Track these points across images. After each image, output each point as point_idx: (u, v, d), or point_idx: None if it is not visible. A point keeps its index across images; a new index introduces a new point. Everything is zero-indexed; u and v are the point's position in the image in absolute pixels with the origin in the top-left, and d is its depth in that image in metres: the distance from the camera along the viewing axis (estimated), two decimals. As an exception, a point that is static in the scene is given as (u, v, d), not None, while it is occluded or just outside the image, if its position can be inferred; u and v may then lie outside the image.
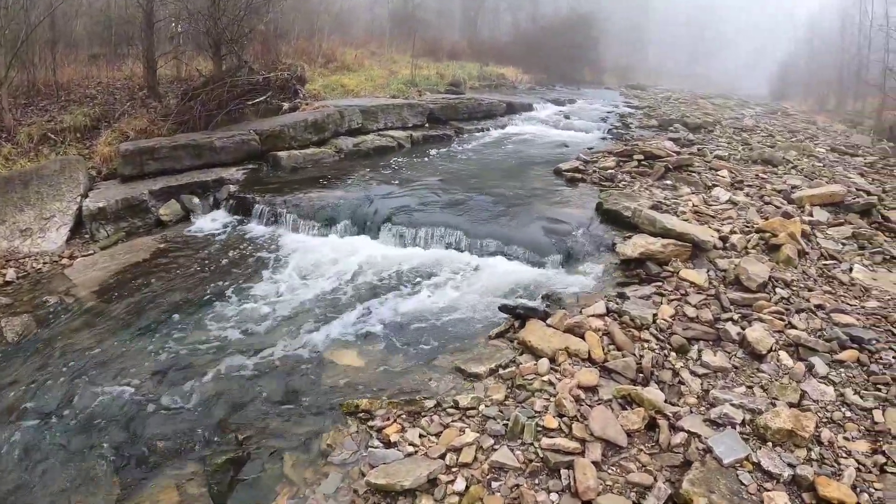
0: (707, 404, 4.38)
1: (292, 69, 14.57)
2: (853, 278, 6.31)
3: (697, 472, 3.66)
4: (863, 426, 4.17)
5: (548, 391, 4.54)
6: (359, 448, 4.23)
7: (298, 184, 9.82)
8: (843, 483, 3.60)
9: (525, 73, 30.78)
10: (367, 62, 21.86)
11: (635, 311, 5.46)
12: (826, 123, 20.90)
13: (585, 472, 3.67)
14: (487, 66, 28.23)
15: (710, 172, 10.12)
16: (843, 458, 3.85)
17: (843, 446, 3.96)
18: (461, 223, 7.91)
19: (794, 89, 36.21)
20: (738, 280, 5.96)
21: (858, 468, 3.77)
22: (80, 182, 9.04)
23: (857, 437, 4.06)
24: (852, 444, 3.97)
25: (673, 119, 17.32)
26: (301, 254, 7.64)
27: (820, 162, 11.75)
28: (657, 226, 6.92)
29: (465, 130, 15.52)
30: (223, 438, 4.50)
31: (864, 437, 4.08)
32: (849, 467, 3.75)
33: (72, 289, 6.94)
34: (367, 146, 12.64)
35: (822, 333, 5.18)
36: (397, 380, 5.04)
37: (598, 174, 10.16)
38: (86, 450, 4.44)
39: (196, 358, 5.47)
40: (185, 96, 11.70)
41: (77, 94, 12.42)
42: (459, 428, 4.25)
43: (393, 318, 6.11)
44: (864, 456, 3.88)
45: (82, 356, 5.57)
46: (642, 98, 26.93)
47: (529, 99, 21.43)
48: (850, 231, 7.50)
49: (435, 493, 3.71)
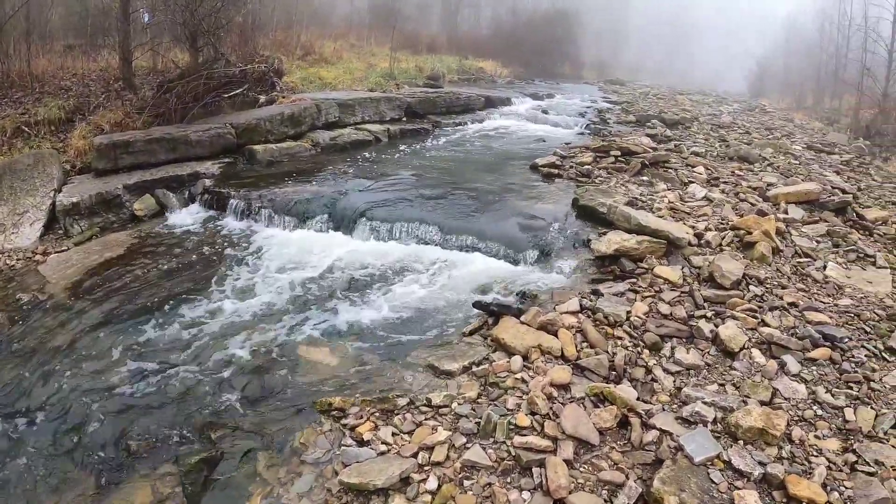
0: (679, 402, 4.40)
1: (270, 61, 14.48)
2: (827, 276, 6.37)
3: (668, 471, 3.67)
4: (834, 424, 4.21)
5: (521, 389, 4.54)
6: (332, 447, 4.21)
7: (274, 178, 9.75)
8: (814, 481, 3.62)
9: (504, 66, 30.76)
10: (345, 55, 21.77)
11: (609, 309, 5.46)
12: (803, 121, 21.13)
13: (557, 471, 3.67)
14: (467, 59, 28.23)
15: (687, 169, 10.18)
16: (814, 457, 3.88)
17: (814, 445, 3.99)
18: (437, 218, 7.90)
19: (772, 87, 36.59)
20: (713, 277, 5.99)
21: (829, 466, 3.80)
22: (53, 176, 8.92)
23: (828, 436, 4.09)
24: (823, 443, 4.00)
25: (651, 115, 17.39)
26: (276, 249, 7.59)
27: (796, 159, 11.86)
28: (632, 222, 6.93)
29: (442, 124, 15.47)
30: (197, 437, 4.47)
31: (836, 435, 4.11)
32: (819, 466, 3.77)
33: (45, 286, 6.86)
34: (344, 140, 12.57)
35: (794, 331, 5.22)
36: (370, 377, 5.03)
37: (575, 170, 10.17)
38: (60, 450, 4.40)
39: (169, 355, 5.42)
40: (161, 88, 11.58)
41: (52, 86, 12.20)
42: (432, 426, 4.23)
43: (367, 314, 6.08)
44: (834, 454, 3.91)
45: (56, 355, 5.50)
46: (621, 93, 27.02)
47: (508, 93, 21.43)
48: (824, 229, 7.57)
49: (407, 491, 3.69)
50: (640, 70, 50.04)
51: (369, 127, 13.66)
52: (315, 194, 8.77)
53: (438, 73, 21.94)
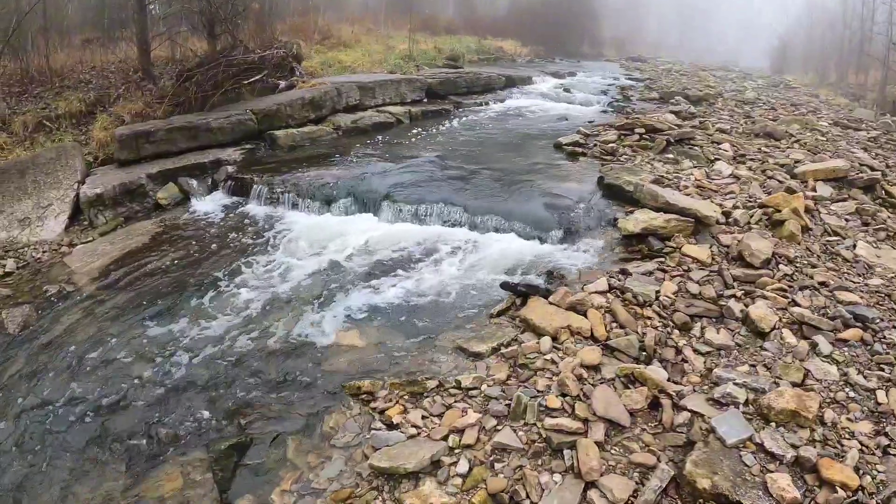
0: (710, 383, 4.35)
1: (288, 47, 14.43)
2: (857, 255, 6.25)
3: (700, 453, 3.64)
4: (866, 407, 4.14)
5: (550, 370, 4.51)
6: (361, 430, 4.23)
7: (296, 162, 9.75)
8: (846, 465, 3.56)
9: (523, 46, 30.47)
10: (363, 38, 21.69)
11: (638, 288, 5.42)
12: (828, 97, 20.71)
13: (588, 453, 3.66)
14: (485, 39, 27.98)
15: (713, 146, 10.02)
16: (846, 440, 3.81)
17: (847, 427, 3.92)
18: (461, 199, 7.86)
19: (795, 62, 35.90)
20: (742, 256, 5.91)
21: (861, 450, 3.73)
22: (76, 169, 8.99)
23: (860, 419, 4.02)
24: (855, 426, 3.94)
25: (674, 92, 17.15)
26: (300, 233, 7.60)
27: (823, 136, 11.62)
28: (659, 200, 6.85)
29: (463, 105, 15.37)
30: (226, 423, 4.51)
31: (868, 418, 4.05)
32: (852, 449, 3.71)
33: (72, 277, 6.92)
34: (366, 123, 12.53)
35: (825, 311, 5.14)
36: (399, 360, 5.03)
37: (599, 148, 10.05)
38: (90, 439, 4.44)
39: (197, 343, 5.45)
40: (180, 77, 11.60)
41: (71, 80, 12.33)
42: (462, 409, 4.23)
43: (393, 296, 6.07)
44: (866, 437, 3.85)
45: (84, 345, 5.54)
46: (643, 70, 26.69)
47: (528, 72, 21.23)
48: (853, 207, 7.43)
49: (438, 475, 3.70)
50: (661, 47, 49.33)
51: (390, 109, 13.61)
52: (338, 178, 8.76)
53: (457, 53, 21.79)
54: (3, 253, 7.50)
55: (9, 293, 6.63)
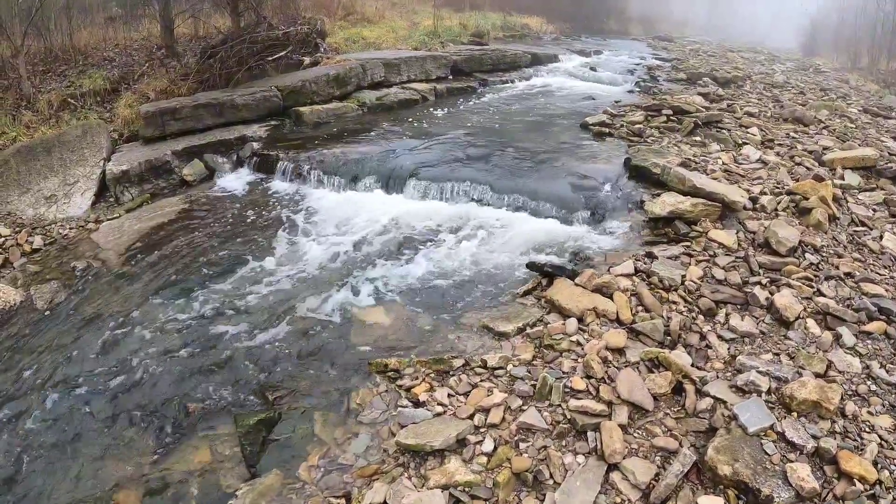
0: (734, 370, 4.37)
1: (312, 23, 14.39)
2: (883, 247, 6.19)
3: (722, 440, 3.67)
4: (887, 401, 4.14)
5: (576, 352, 4.56)
6: (388, 407, 4.30)
7: (321, 139, 9.79)
8: (865, 458, 3.58)
9: (549, 23, 30.06)
10: (388, 14, 21.55)
11: (664, 272, 5.42)
12: (858, 82, 20.32)
13: (612, 435, 3.71)
14: (511, 16, 27.62)
15: (741, 130, 9.91)
16: (867, 433, 3.82)
17: (867, 421, 3.92)
18: (487, 177, 7.87)
19: (825, 45, 35.14)
20: (768, 243, 5.88)
21: (881, 444, 3.74)
22: (102, 146, 9.09)
23: (880, 412, 4.02)
24: (876, 419, 3.94)
25: (702, 73, 16.91)
26: (326, 210, 7.67)
27: (852, 123, 11.44)
28: (686, 184, 6.82)
29: (489, 82, 15.31)
30: (254, 398, 4.59)
31: (888, 412, 4.04)
32: (871, 442, 3.72)
33: (99, 253, 7.01)
34: (391, 99, 12.52)
35: (850, 303, 5.12)
36: (425, 338, 5.09)
37: (626, 129, 9.99)
38: (119, 414, 4.54)
39: (224, 318, 5.54)
40: (204, 54, 11.64)
41: (95, 58, 12.41)
42: (487, 388, 4.29)
43: (419, 274, 6.13)
44: (886, 432, 3.85)
45: (111, 321, 5.65)
46: (670, 50, 26.31)
47: (555, 50, 20.99)
48: (881, 197, 7.34)
49: (463, 453, 3.77)
50: (688, 25, 48.54)
51: (415, 86, 13.57)
52: (363, 154, 8.79)
53: (483, 30, 21.57)
54: (31, 230, 7.60)
55: (37, 269, 6.75)
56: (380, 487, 3.61)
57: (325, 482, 3.81)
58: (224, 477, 3.98)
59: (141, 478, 4.01)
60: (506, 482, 3.55)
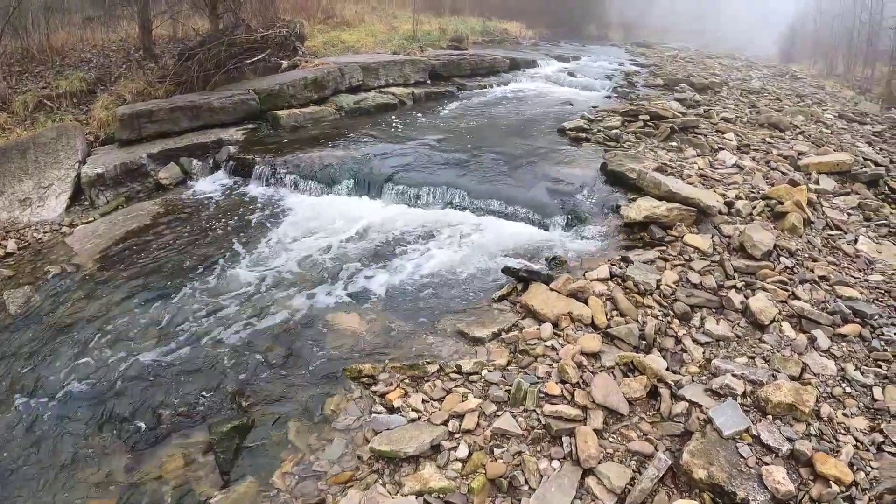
0: (709, 374, 4.39)
1: (291, 26, 14.32)
2: (857, 250, 6.28)
3: (697, 443, 3.68)
4: (862, 403, 4.19)
5: (550, 357, 4.56)
6: (362, 414, 4.26)
7: (299, 143, 9.73)
8: (841, 460, 3.62)
9: (529, 28, 30.17)
10: (367, 17, 21.49)
11: (639, 277, 5.44)
12: (834, 89, 20.61)
13: (587, 440, 3.70)
14: (490, 20, 27.68)
15: (717, 135, 10.00)
16: (842, 435, 3.87)
17: (842, 422, 3.97)
18: (464, 182, 7.87)
19: (803, 52, 35.62)
20: (743, 247, 5.93)
21: (856, 445, 3.79)
22: (77, 149, 8.96)
23: (856, 414, 4.07)
24: (851, 421, 3.99)
25: (679, 79, 17.04)
26: (302, 215, 7.61)
27: (828, 128, 11.59)
28: (662, 189, 6.86)
29: (467, 87, 15.29)
30: (228, 404, 4.52)
31: (863, 414, 4.10)
32: (847, 444, 3.76)
33: (73, 257, 6.90)
34: (369, 104, 12.46)
35: (825, 306, 5.17)
36: (400, 343, 5.05)
37: (603, 134, 10.05)
38: (92, 421, 4.45)
39: (198, 324, 5.47)
40: (182, 57, 11.52)
41: (72, 59, 12.25)
42: (462, 393, 4.27)
43: (395, 279, 6.10)
44: (862, 433, 3.90)
45: (85, 326, 5.55)
46: (648, 56, 26.45)
47: (533, 55, 21.03)
48: (856, 201, 7.45)
49: (438, 459, 3.74)
50: (667, 31, 48.84)
51: (394, 90, 13.53)
52: (341, 159, 8.74)
53: (462, 34, 21.56)
54: (4, 234, 7.47)
55: (10, 274, 6.62)
56: (354, 494, 3.57)
57: (299, 489, 3.76)
58: (198, 484, 3.91)
59: (114, 486, 3.93)
60: (480, 488, 3.53)
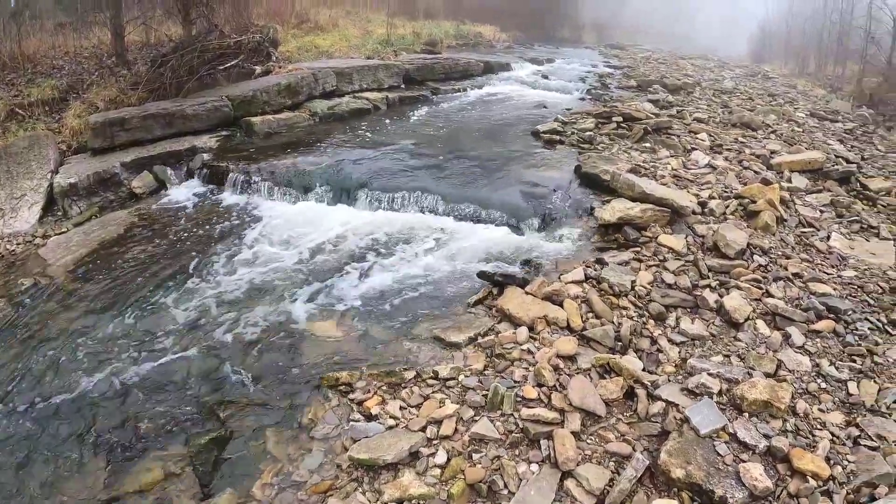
0: (685, 373, 4.42)
1: (265, 31, 14.22)
2: (830, 247, 6.37)
3: (675, 443, 3.70)
4: (837, 398, 4.24)
5: (527, 360, 4.56)
6: (340, 422, 4.23)
7: (273, 150, 9.65)
8: (818, 455, 3.65)
9: (503, 31, 30.28)
10: (341, 22, 21.43)
11: (614, 278, 5.47)
12: (806, 88, 20.90)
13: (565, 443, 3.71)
14: (464, 24, 27.77)
15: (690, 135, 10.10)
16: (818, 430, 3.90)
17: (818, 418, 4.01)
18: (438, 187, 7.86)
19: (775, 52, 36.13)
20: (717, 246, 5.98)
21: (833, 440, 3.82)
22: (50, 158, 8.83)
23: (831, 409, 4.12)
24: (827, 416, 4.03)
25: (652, 80, 17.17)
26: (276, 222, 7.54)
27: (800, 127, 11.76)
28: (636, 190, 6.90)
29: (441, 91, 15.29)
30: (206, 416, 4.47)
31: (839, 408, 4.15)
32: (823, 439, 3.80)
33: (47, 269, 6.78)
34: (343, 109, 12.40)
35: (798, 302, 5.23)
36: (377, 350, 5.03)
37: (577, 136, 10.08)
38: (68, 435, 4.38)
39: (174, 335, 5.40)
40: (155, 63, 11.36)
41: (44, 66, 12.03)
42: (440, 399, 4.26)
43: (371, 286, 6.06)
44: (838, 428, 3.94)
45: (60, 340, 5.46)
46: (621, 58, 26.65)
47: (507, 58, 21.12)
48: (828, 198, 7.55)
49: (417, 465, 3.73)
50: (641, 33, 49.28)
51: (367, 95, 13.48)
52: (315, 165, 8.69)
53: (436, 38, 21.61)
54: (-24, 246, 7.34)
55: (-18, 287, 6.51)
56: (334, 503, 3.55)
57: (279, 500, 3.73)
58: (178, 498, 3.86)
59: (92, 501, 3.87)
60: (460, 494, 3.53)
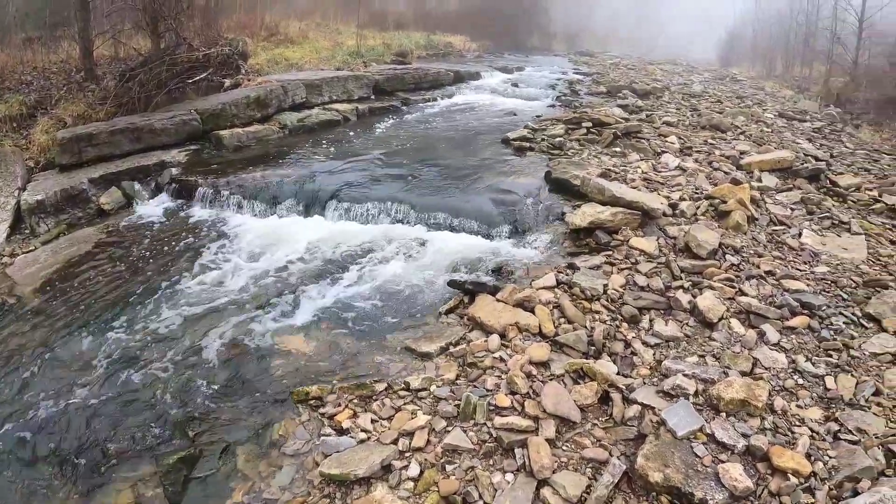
0: (660, 375, 4.39)
1: (234, 44, 14.16)
2: (802, 243, 6.40)
3: (652, 446, 3.65)
4: (815, 393, 4.23)
5: (499, 368, 4.51)
6: (311, 437, 4.16)
7: (242, 163, 9.55)
8: (798, 452, 3.62)
9: (473, 41, 30.42)
10: (311, 34, 21.39)
11: (586, 283, 5.44)
12: (774, 89, 21.20)
13: (539, 451, 3.65)
14: (435, 35, 27.84)
15: (659, 139, 10.16)
16: (797, 427, 3.88)
17: (797, 414, 3.99)
18: (409, 197, 7.83)
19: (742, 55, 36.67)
20: (689, 247, 5.98)
21: (812, 436, 3.80)
22: (17, 175, 8.65)
23: (809, 405, 4.10)
24: (805, 412, 4.01)
25: (622, 85, 17.31)
26: (246, 236, 7.44)
27: (768, 127, 11.89)
28: (606, 194, 6.90)
29: (412, 101, 15.28)
30: (175, 435, 4.37)
31: (817, 404, 4.13)
32: (803, 436, 3.77)
33: (14, 288, 6.64)
34: (312, 121, 12.32)
35: (772, 300, 5.23)
36: (347, 363, 4.96)
37: (547, 142, 10.11)
38: (37, 457, 4.26)
39: (142, 353, 5.28)
40: (123, 77, 11.24)
41: (11, 81, 11.81)
42: (411, 411, 4.20)
43: (340, 297, 5.99)
44: (817, 424, 3.92)
45: (27, 359, 5.32)
46: (591, 64, 26.89)
47: (477, 67, 21.21)
48: (798, 196, 7.61)
49: (389, 479, 3.66)
50: (610, 40, 49.79)
51: (337, 107, 13.42)
52: (284, 178, 8.61)
53: (406, 49, 21.65)
54: (-57, 265, 7.14)
55: (-51, 307, 6.34)
56: (305, 521, 3.47)
57: (251, 519, 3.64)
58: (148, 520, 3.77)
59: (63, 523, 3.77)
60: (434, 506, 3.45)
